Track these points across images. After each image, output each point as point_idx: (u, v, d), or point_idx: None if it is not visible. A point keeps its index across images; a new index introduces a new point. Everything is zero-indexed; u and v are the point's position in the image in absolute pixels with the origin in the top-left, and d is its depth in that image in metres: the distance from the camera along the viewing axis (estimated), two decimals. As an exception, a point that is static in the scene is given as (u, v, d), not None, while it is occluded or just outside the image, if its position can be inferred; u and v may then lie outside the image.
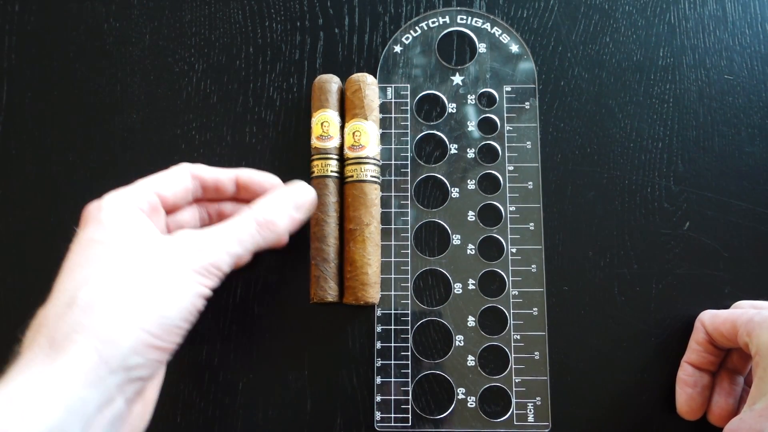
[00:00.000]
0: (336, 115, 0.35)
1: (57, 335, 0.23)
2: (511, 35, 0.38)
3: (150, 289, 0.25)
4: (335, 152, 0.35)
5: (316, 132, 0.35)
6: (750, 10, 0.38)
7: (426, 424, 0.34)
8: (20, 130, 0.37)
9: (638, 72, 0.37)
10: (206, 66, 0.38)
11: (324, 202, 0.34)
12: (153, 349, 0.24)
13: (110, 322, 0.23)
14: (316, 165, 0.34)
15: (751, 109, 0.37)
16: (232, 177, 0.32)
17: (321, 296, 0.33)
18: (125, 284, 0.24)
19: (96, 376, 0.23)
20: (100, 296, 0.24)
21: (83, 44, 0.38)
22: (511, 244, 0.35)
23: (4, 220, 0.36)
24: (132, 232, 0.26)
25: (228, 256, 0.27)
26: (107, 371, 0.23)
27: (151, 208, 0.28)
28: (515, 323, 0.34)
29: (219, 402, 0.34)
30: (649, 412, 0.34)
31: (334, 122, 0.35)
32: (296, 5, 0.38)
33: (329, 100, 0.35)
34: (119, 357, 0.23)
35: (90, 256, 0.25)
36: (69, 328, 0.23)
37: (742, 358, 0.32)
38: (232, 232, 0.27)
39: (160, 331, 0.24)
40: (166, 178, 0.30)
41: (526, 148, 0.36)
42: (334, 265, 0.34)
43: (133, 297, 0.24)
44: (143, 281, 0.25)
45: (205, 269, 0.26)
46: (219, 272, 0.27)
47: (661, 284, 0.35)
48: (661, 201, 0.36)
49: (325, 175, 0.34)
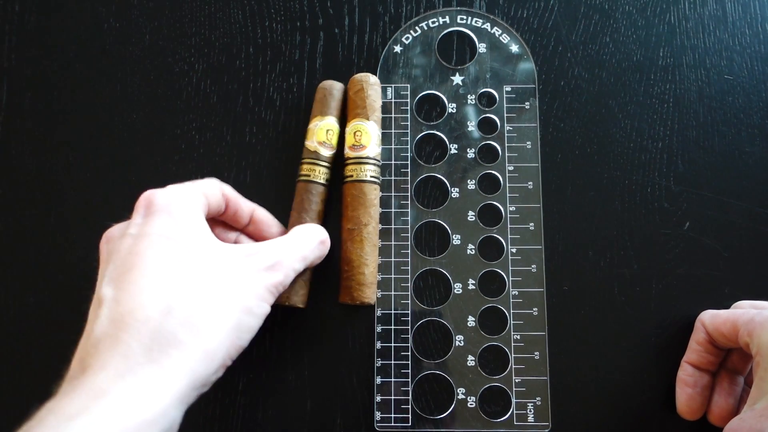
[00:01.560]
0: (336, 125, 0.35)
1: (153, 345, 0.22)
2: (511, 35, 0.38)
3: (234, 310, 0.24)
4: (328, 161, 0.34)
5: (319, 137, 0.34)
6: (750, 10, 0.38)
7: (426, 424, 0.34)
8: (20, 130, 0.37)
9: (638, 72, 0.37)
10: (206, 66, 0.38)
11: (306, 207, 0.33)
12: (224, 369, 0.24)
13: (208, 342, 0.23)
14: (313, 170, 0.34)
15: (751, 109, 0.37)
16: (250, 209, 0.32)
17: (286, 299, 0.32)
18: (214, 301, 0.24)
19: (186, 392, 0.22)
20: (197, 312, 0.23)
21: (83, 44, 0.38)
22: (511, 244, 0.35)
23: (4, 220, 0.36)
24: (200, 233, 0.26)
25: (293, 273, 0.27)
26: (193, 388, 0.23)
27: (205, 211, 0.28)
28: (515, 323, 0.34)
29: (219, 402, 0.34)
30: (649, 412, 0.34)
31: (335, 131, 0.35)
32: (296, 5, 0.38)
33: (333, 106, 0.35)
34: (206, 377, 0.23)
35: (168, 255, 0.24)
36: (165, 341, 0.22)
37: (742, 358, 0.32)
38: (300, 248, 0.28)
39: (235, 352, 0.24)
40: (207, 185, 0.29)
41: (526, 148, 0.36)
42: (309, 272, 0.33)
43: (222, 316, 0.24)
44: (228, 300, 0.24)
45: (275, 287, 0.26)
46: (283, 288, 0.27)
47: (661, 284, 0.35)
48: (661, 201, 0.36)
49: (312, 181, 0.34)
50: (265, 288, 0.26)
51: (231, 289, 0.25)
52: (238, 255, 0.26)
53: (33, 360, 0.34)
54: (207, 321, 0.23)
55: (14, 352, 0.35)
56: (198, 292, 0.24)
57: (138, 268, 0.23)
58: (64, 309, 0.35)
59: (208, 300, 0.24)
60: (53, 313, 0.35)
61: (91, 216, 0.36)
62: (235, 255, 0.26)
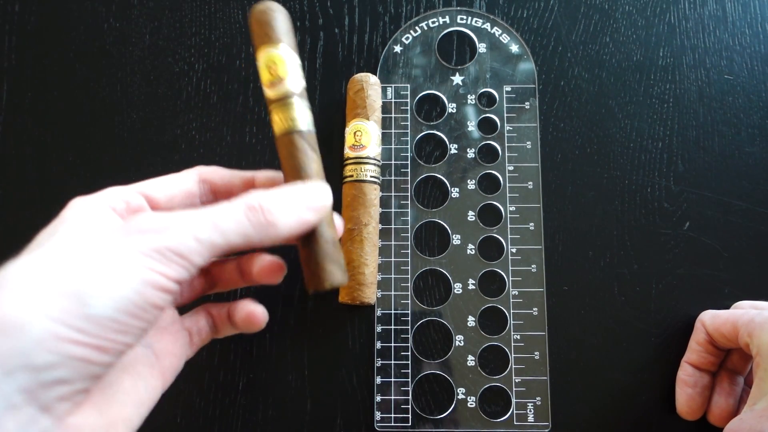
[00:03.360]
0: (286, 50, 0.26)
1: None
2: (511, 35, 0.38)
3: (79, 273, 0.20)
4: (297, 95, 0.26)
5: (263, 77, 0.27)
6: (750, 10, 0.38)
7: (426, 424, 0.34)
8: (20, 130, 0.37)
9: (638, 72, 0.37)
10: (206, 66, 0.38)
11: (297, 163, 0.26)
12: (72, 344, 0.19)
13: (12, 308, 0.18)
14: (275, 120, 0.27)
15: (751, 109, 0.37)
16: (247, 179, 0.28)
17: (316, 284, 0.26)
18: (49, 267, 0.20)
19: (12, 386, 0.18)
20: (12, 280, 0.19)
21: (83, 44, 0.38)
22: (511, 244, 0.35)
23: (4, 220, 0.36)
24: (86, 221, 0.23)
25: (195, 242, 0.21)
26: (4, 372, 0.18)
27: (128, 208, 0.25)
28: (515, 323, 0.34)
29: (219, 402, 0.34)
30: (649, 412, 0.34)
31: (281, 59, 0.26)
32: (296, 5, 0.38)
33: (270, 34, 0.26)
34: (17, 353, 0.18)
35: (32, 246, 0.22)
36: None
37: (742, 359, 0.32)
38: (209, 215, 0.22)
39: (82, 323, 0.19)
40: (162, 180, 0.27)
41: (526, 148, 0.36)
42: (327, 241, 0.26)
43: (54, 281, 0.19)
44: (73, 264, 0.20)
45: (158, 252, 0.21)
46: (183, 260, 0.21)
47: (661, 284, 0.35)
48: (661, 201, 0.36)
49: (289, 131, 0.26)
50: (138, 251, 0.21)
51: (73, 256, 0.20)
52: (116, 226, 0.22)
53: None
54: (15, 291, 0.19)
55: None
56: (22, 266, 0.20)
57: None
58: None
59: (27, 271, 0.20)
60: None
61: (91, 216, 0.36)
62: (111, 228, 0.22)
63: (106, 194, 0.25)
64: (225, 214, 0.22)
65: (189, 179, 0.27)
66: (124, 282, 0.20)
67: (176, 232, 0.21)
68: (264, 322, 0.27)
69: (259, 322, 0.27)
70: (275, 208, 0.23)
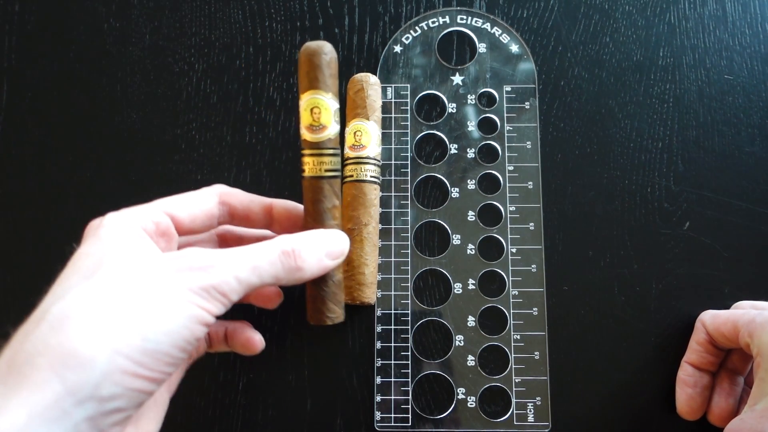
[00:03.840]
0: (330, 99, 0.28)
1: (17, 357, 0.19)
2: (511, 35, 0.38)
3: (135, 307, 0.21)
4: (331, 144, 0.28)
5: (305, 120, 0.28)
6: (750, 10, 0.38)
7: (426, 424, 0.34)
8: (20, 130, 0.37)
9: (638, 72, 0.37)
10: (206, 66, 0.38)
11: (317, 209, 0.28)
12: (133, 377, 0.20)
13: (81, 341, 0.20)
14: (307, 162, 0.28)
15: (751, 109, 0.37)
16: (266, 206, 0.29)
17: (318, 320, 0.29)
18: (107, 299, 0.21)
19: (59, 409, 0.19)
20: (75, 311, 0.20)
21: (83, 44, 0.38)
22: (511, 244, 0.35)
23: (4, 221, 0.36)
24: (128, 247, 0.23)
25: (236, 282, 0.23)
26: (72, 403, 0.19)
27: (158, 230, 0.26)
28: (515, 323, 0.34)
29: (219, 402, 0.34)
30: (649, 412, 0.34)
31: (326, 106, 0.27)
32: (296, 5, 0.38)
33: (319, 78, 0.27)
34: (89, 385, 0.19)
35: (77, 269, 0.22)
36: (33, 349, 0.19)
37: (743, 359, 0.32)
38: (249, 256, 0.24)
39: (142, 357, 0.20)
40: (185, 199, 0.27)
41: (526, 148, 0.36)
42: (334, 282, 0.29)
43: (114, 314, 0.21)
44: (128, 297, 0.21)
45: (204, 290, 0.22)
46: (223, 298, 0.23)
47: (661, 284, 0.35)
48: (661, 201, 0.36)
49: (317, 176, 0.28)
50: (187, 288, 0.22)
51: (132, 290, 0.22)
52: (163, 260, 0.23)
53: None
54: (82, 324, 0.20)
55: None
56: (83, 297, 0.21)
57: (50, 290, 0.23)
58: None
59: (91, 303, 0.21)
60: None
61: (91, 216, 0.36)
62: (159, 259, 0.23)
63: (136, 213, 0.25)
64: (262, 256, 0.24)
65: (210, 200, 0.28)
66: (176, 318, 0.22)
67: (220, 272, 0.23)
68: (260, 350, 0.29)
69: (256, 349, 0.29)
70: (305, 254, 0.25)
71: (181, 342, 0.22)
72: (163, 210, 0.26)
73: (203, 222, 0.28)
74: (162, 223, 0.26)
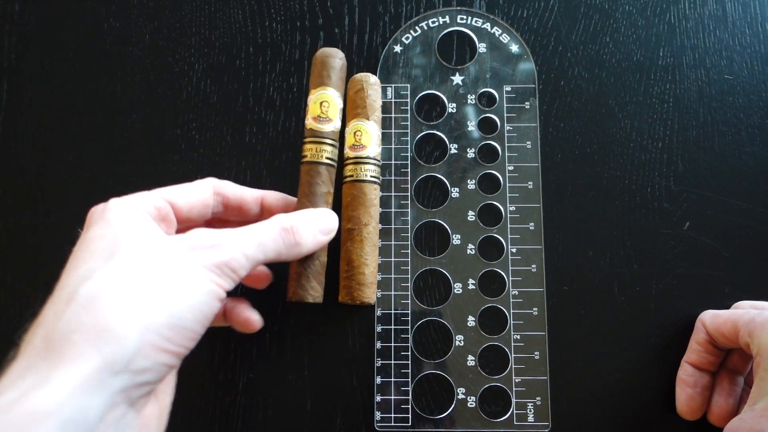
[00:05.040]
0: (338, 96, 0.32)
1: (54, 335, 0.21)
2: (511, 35, 0.38)
3: (159, 285, 0.22)
4: (332, 137, 0.32)
5: (313, 112, 0.31)
6: (750, 10, 0.38)
7: (426, 424, 0.34)
8: (20, 130, 0.37)
9: (638, 72, 0.37)
10: (206, 66, 0.38)
11: (313, 191, 0.31)
12: (161, 351, 0.22)
13: (114, 319, 0.21)
14: (309, 149, 0.31)
15: (751, 109, 0.37)
16: (257, 197, 0.31)
17: (300, 296, 0.31)
18: (131, 279, 0.22)
19: (97, 380, 0.20)
20: (103, 291, 0.22)
21: (83, 44, 0.38)
22: (511, 244, 0.35)
23: (4, 220, 0.36)
24: (138, 229, 0.25)
25: (244, 258, 0.25)
26: (110, 374, 0.21)
27: (159, 215, 0.27)
28: (515, 323, 0.34)
29: (219, 402, 0.34)
30: (649, 412, 0.34)
31: (334, 102, 0.31)
32: (296, 5, 0.38)
33: (331, 77, 0.32)
34: (123, 359, 0.21)
35: (93, 251, 0.23)
36: (67, 327, 0.21)
37: (742, 359, 0.32)
38: (253, 234, 0.26)
39: (170, 333, 0.22)
40: (183, 188, 0.28)
41: (526, 148, 0.36)
42: (320, 262, 0.31)
43: (140, 293, 0.22)
44: (151, 276, 0.23)
45: (218, 267, 0.24)
46: (234, 274, 0.25)
47: (661, 284, 0.35)
48: (661, 201, 0.36)
49: (317, 161, 0.31)
50: (202, 266, 0.24)
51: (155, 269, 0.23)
52: (176, 239, 0.25)
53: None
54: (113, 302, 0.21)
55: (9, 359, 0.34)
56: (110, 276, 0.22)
57: (64, 273, 0.23)
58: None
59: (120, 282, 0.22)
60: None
61: (91, 216, 0.36)
62: (172, 239, 0.25)
63: (139, 199, 0.26)
64: (265, 233, 0.26)
65: (206, 190, 0.29)
66: (197, 294, 0.23)
67: (229, 249, 0.24)
68: (258, 329, 0.30)
69: (254, 328, 0.30)
70: (302, 230, 0.28)
71: (202, 317, 0.23)
72: (162, 197, 0.27)
73: (199, 211, 0.29)
74: (163, 209, 0.27)
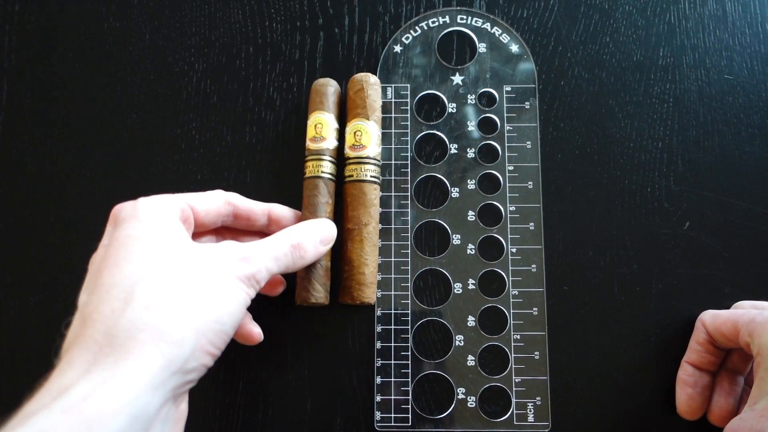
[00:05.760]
0: (331, 118, 0.34)
1: (117, 332, 0.22)
2: (511, 35, 0.38)
3: (204, 292, 0.24)
4: (329, 153, 0.34)
5: (309, 134, 0.34)
6: (750, 10, 0.38)
7: (426, 424, 0.34)
8: (20, 130, 0.37)
9: (638, 72, 0.37)
10: (206, 66, 0.38)
11: (313, 202, 0.33)
12: (206, 354, 0.24)
13: (174, 322, 0.23)
14: (308, 166, 0.34)
15: (751, 109, 0.37)
16: (265, 210, 0.32)
17: (304, 298, 0.32)
18: (181, 284, 0.24)
19: (160, 379, 0.22)
20: (160, 294, 0.23)
21: (83, 44, 0.38)
22: (511, 244, 0.35)
23: (5, 220, 0.36)
24: (171, 232, 0.26)
25: (266, 271, 0.27)
26: (169, 373, 0.22)
27: (183, 216, 0.28)
28: (515, 323, 0.34)
29: (219, 402, 0.34)
30: (649, 412, 0.34)
31: (328, 123, 0.34)
32: (296, 5, 0.38)
33: (324, 102, 0.34)
34: (181, 359, 0.22)
35: (135, 251, 0.24)
36: (132, 326, 0.22)
37: (743, 358, 0.32)
38: (271, 248, 0.28)
39: (214, 337, 0.24)
40: (200, 196, 0.30)
41: (526, 148, 0.36)
42: (322, 266, 0.33)
43: (191, 299, 0.24)
44: (197, 283, 0.24)
45: (247, 278, 0.26)
46: (257, 285, 0.27)
47: (661, 284, 0.35)
48: (661, 201, 0.36)
49: (316, 176, 0.34)
50: (236, 277, 0.25)
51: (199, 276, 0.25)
52: (209, 248, 0.26)
53: (33, 360, 0.34)
54: (171, 306, 0.23)
55: (14, 352, 0.35)
56: (163, 280, 0.24)
57: (107, 270, 0.24)
58: (64, 309, 0.35)
59: (173, 287, 0.24)
60: (53, 313, 0.35)
61: (91, 216, 0.36)
62: (205, 248, 0.26)
63: (167, 200, 0.27)
64: (279, 248, 0.28)
65: (219, 199, 0.31)
66: (234, 302, 0.25)
67: (256, 262, 0.26)
68: (259, 341, 0.31)
69: (255, 341, 0.31)
70: (306, 244, 0.30)
71: (236, 323, 0.25)
72: (185, 201, 0.28)
73: (213, 218, 0.30)
74: (185, 211, 0.28)
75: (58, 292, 0.35)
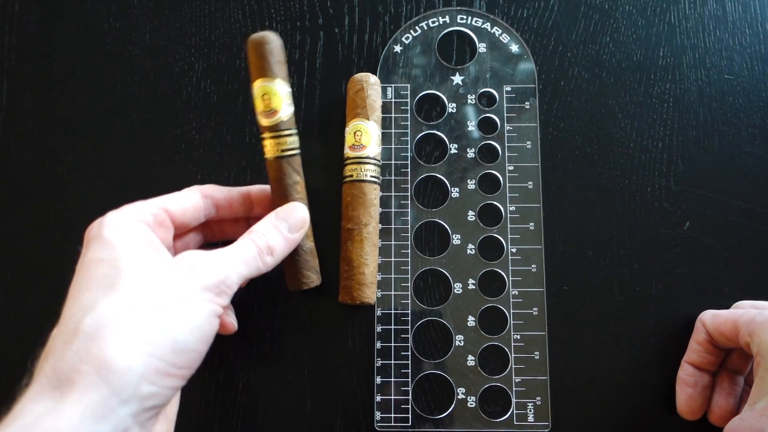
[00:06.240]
0: (280, 84, 0.30)
1: (63, 366, 0.22)
2: (511, 35, 0.38)
3: (159, 312, 0.23)
4: (286, 126, 0.30)
5: (258, 107, 0.30)
6: (750, 10, 0.38)
7: (426, 424, 0.34)
8: (20, 130, 0.37)
9: (638, 72, 0.37)
10: (206, 66, 0.38)
11: (281, 186, 0.31)
12: (166, 376, 0.23)
13: (118, 350, 0.22)
14: (266, 145, 0.31)
15: (751, 109, 0.37)
16: (244, 193, 0.32)
17: (295, 285, 0.32)
18: (134, 308, 0.23)
19: (106, 409, 0.21)
20: (107, 321, 0.23)
21: (83, 44, 0.38)
22: (511, 244, 0.35)
23: (4, 221, 0.36)
24: (137, 249, 0.25)
25: (237, 275, 0.26)
26: (118, 402, 0.22)
27: (156, 222, 0.28)
28: (515, 323, 0.34)
29: (219, 402, 0.34)
30: (649, 412, 0.34)
31: (276, 92, 0.29)
32: (296, 5, 0.38)
33: (265, 67, 0.29)
34: (131, 386, 0.22)
35: (95, 277, 0.24)
36: (75, 358, 0.22)
37: (743, 358, 0.32)
38: (240, 254, 0.27)
39: (173, 357, 0.23)
40: (173, 196, 0.29)
41: (526, 148, 0.36)
42: (305, 250, 0.32)
43: (143, 321, 0.23)
44: (153, 303, 0.24)
45: (216, 286, 0.25)
46: (229, 290, 0.26)
47: (661, 284, 0.35)
48: (661, 201, 0.36)
49: (277, 156, 0.30)
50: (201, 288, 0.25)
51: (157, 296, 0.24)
52: (172, 263, 0.25)
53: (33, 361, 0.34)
54: (117, 334, 0.22)
55: (14, 352, 0.35)
56: (115, 306, 0.23)
57: (69, 300, 0.24)
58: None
59: (124, 313, 0.23)
60: (53, 313, 0.35)
61: (91, 216, 0.36)
62: (168, 264, 0.25)
63: (135, 209, 0.27)
64: (247, 253, 0.27)
65: (194, 195, 0.30)
66: (198, 316, 0.24)
67: (224, 269, 0.26)
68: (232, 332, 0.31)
69: (229, 332, 0.31)
70: (274, 243, 0.29)
71: (204, 336, 0.25)
72: (157, 205, 0.28)
73: (192, 215, 0.30)
74: (158, 215, 0.28)
75: (58, 293, 0.35)
